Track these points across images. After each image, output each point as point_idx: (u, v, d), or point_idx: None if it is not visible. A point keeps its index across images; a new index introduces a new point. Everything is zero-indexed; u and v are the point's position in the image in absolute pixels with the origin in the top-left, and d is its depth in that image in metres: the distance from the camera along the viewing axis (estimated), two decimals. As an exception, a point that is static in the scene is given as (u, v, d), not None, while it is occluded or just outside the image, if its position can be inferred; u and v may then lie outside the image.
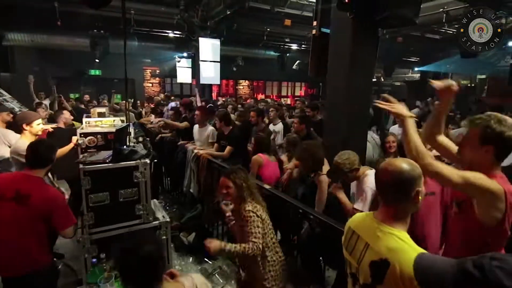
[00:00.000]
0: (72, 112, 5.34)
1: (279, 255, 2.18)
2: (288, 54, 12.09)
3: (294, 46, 11.62)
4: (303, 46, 11.26)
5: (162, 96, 10.82)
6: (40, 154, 2.20)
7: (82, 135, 2.81)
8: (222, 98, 12.01)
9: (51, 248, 2.34)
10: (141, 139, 2.96)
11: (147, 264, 1.29)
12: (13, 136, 3.35)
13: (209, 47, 8.56)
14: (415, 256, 1.11)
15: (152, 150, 2.76)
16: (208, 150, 4.26)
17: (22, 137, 3.11)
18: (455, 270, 0.76)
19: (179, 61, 10.62)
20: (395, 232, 1.20)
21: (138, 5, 7.46)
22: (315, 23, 3.20)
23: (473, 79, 15.16)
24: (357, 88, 2.92)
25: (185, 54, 10.25)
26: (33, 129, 3.13)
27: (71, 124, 4.39)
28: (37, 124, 3.18)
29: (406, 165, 1.22)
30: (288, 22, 7.85)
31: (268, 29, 9.29)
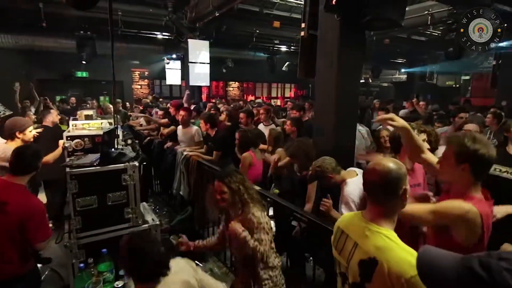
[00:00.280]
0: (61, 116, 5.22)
1: (278, 260, 2.09)
2: (277, 56, 12.14)
3: (283, 48, 11.68)
4: (292, 47, 11.32)
5: (150, 98, 10.72)
6: (25, 160, 2.12)
7: (69, 138, 2.74)
8: (212, 100, 11.96)
9: (35, 253, 2.23)
10: (129, 142, 2.92)
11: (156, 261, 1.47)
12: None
13: (198, 49, 8.52)
14: (402, 254, 1.14)
15: (141, 153, 2.73)
16: (198, 152, 4.24)
17: (11, 144, 2.92)
18: (459, 266, 0.74)
19: (168, 63, 10.53)
20: (383, 231, 1.23)
21: (126, 7, 7.35)
22: (303, 25, 3.22)
23: (458, 80, 15.53)
24: (345, 89, 2.96)
25: (174, 56, 10.16)
26: (26, 136, 3.03)
27: (57, 126, 4.29)
28: (30, 131, 3.08)
29: (392, 164, 1.25)
30: (277, 24, 7.88)
31: (257, 31, 9.31)
